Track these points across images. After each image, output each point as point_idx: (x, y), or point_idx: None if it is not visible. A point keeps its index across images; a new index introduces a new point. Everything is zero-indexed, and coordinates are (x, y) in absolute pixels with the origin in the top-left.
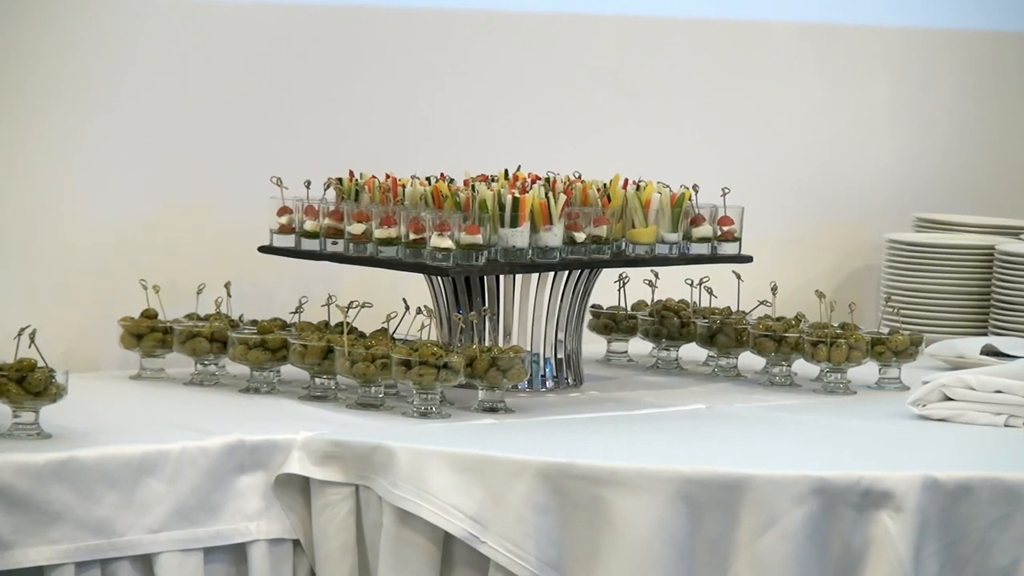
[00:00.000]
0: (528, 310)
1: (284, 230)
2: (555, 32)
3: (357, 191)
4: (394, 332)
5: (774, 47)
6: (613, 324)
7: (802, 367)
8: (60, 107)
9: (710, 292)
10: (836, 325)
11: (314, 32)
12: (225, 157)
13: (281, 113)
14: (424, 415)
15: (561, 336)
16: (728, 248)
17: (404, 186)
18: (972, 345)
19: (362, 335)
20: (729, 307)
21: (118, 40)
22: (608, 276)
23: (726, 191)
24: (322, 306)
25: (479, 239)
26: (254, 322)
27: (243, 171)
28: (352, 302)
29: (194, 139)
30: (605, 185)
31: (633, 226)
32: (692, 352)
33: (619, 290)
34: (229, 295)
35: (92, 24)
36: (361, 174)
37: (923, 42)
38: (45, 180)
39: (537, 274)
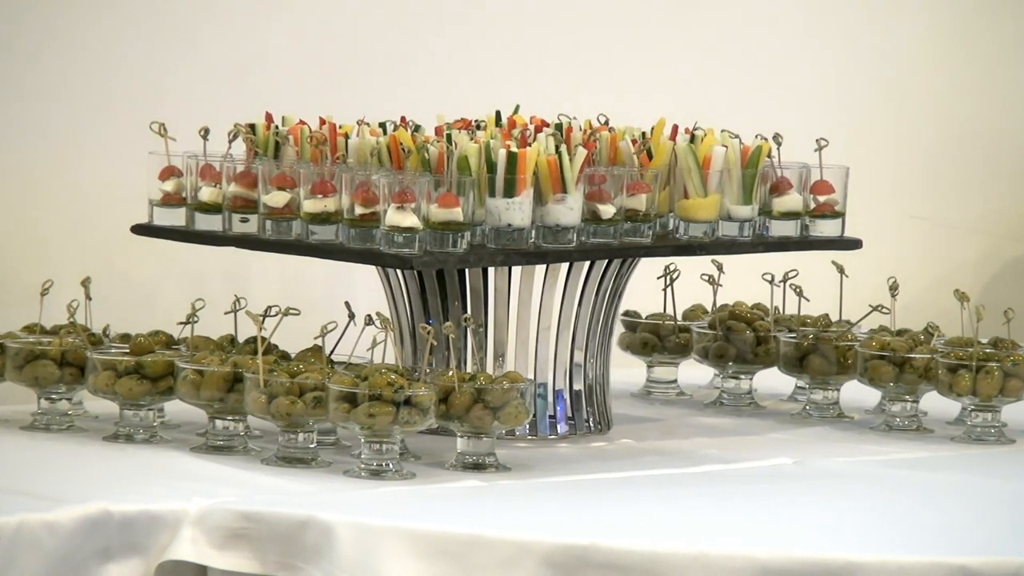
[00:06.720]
0: (530, 320)
1: (169, 200)
2: None
3: (278, 143)
4: (332, 352)
5: None
6: (656, 340)
7: (935, 403)
8: None
9: (799, 293)
10: (985, 341)
11: None
12: (79, 94)
13: (165, 31)
14: (376, 474)
15: (579, 358)
16: (826, 227)
17: (347, 136)
18: None
19: (285, 357)
20: (827, 315)
21: None
22: (648, 269)
23: (823, 144)
24: (226, 313)
25: (458, 214)
26: (126, 337)
27: (107, 114)
28: (270, 308)
29: (24, 67)
30: (644, 135)
31: (686, 195)
32: (773, 381)
33: (664, 290)
34: (89, 297)
35: None
36: (284, 118)
37: None
38: None
39: (544, 266)
